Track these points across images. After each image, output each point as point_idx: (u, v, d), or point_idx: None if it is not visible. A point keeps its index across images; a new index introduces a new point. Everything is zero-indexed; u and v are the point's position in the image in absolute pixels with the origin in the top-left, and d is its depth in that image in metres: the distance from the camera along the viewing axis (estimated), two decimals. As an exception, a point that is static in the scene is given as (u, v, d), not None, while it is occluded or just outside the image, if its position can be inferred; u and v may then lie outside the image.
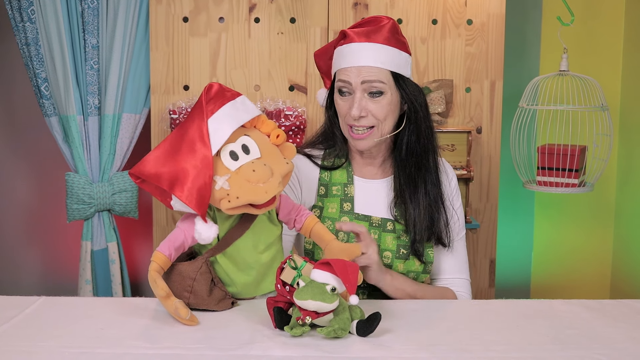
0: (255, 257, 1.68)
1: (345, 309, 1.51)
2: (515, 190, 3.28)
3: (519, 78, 3.23)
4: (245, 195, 1.55)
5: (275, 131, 1.67)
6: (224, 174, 1.56)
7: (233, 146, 1.60)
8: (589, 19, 3.22)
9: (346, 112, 1.87)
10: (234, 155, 1.59)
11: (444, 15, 2.87)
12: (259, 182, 1.56)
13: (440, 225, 1.94)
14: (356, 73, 1.84)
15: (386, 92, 1.85)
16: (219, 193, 1.55)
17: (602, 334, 1.54)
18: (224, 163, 1.58)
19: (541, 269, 3.42)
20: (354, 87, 1.84)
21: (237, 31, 2.88)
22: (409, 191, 1.92)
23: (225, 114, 1.60)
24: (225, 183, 1.55)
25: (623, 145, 3.24)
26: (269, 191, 1.57)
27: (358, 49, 1.85)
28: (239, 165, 1.58)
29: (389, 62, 1.84)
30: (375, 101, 1.85)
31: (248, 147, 1.61)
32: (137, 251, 3.37)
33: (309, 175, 1.98)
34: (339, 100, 1.90)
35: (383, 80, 1.84)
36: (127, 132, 2.93)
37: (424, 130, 1.92)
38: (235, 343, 1.46)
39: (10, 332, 1.52)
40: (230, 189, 1.55)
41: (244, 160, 1.59)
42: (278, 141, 1.67)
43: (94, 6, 2.84)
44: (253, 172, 1.56)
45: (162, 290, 1.55)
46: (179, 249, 1.62)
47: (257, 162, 1.59)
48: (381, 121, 1.86)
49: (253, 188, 1.56)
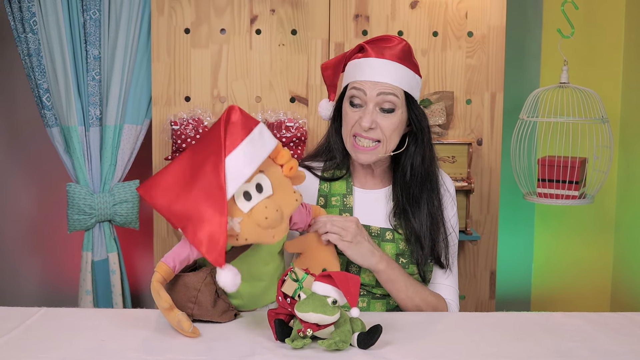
0: (262, 269, 1.69)
1: (346, 321, 1.51)
2: (516, 202, 3.28)
3: (519, 90, 3.23)
4: (253, 239, 1.57)
5: (288, 164, 1.65)
6: (236, 215, 1.55)
7: (248, 187, 1.58)
8: (589, 32, 3.23)
9: (354, 123, 1.88)
10: (247, 196, 1.57)
11: (445, 27, 2.88)
12: (270, 226, 1.57)
13: (439, 244, 1.95)
14: (372, 86, 1.85)
15: (397, 109, 1.87)
16: (229, 232, 1.54)
17: (603, 347, 1.54)
18: (237, 204, 1.56)
19: (541, 281, 3.42)
20: (368, 99, 1.86)
21: (239, 43, 2.89)
22: (412, 210, 1.93)
23: (244, 153, 1.55)
24: (237, 225, 1.55)
25: (623, 157, 3.24)
26: (277, 236, 1.59)
27: (376, 64, 1.87)
28: (251, 207, 1.57)
29: (404, 81, 1.87)
30: (385, 117, 1.86)
31: (262, 185, 1.60)
32: (137, 262, 3.36)
33: (309, 187, 1.99)
34: (349, 111, 1.90)
35: (397, 95, 1.86)
36: (128, 143, 2.94)
37: (428, 153, 1.95)
38: (236, 355, 1.46)
39: (11, 343, 1.52)
40: (241, 232, 1.55)
41: (256, 199, 1.58)
42: (291, 173, 1.66)
43: (96, 17, 2.85)
44: (265, 219, 1.56)
45: (165, 302, 1.54)
46: (184, 261, 1.62)
47: (270, 205, 1.58)
48: (387, 138, 1.87)
49: (262, 233, 1.57)
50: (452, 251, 2.00)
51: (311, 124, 2.89)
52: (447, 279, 1.99)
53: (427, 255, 1.92)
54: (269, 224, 1.57)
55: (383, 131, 1.87)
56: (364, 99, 1.87)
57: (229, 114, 1.56)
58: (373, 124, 1.85)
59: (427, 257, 1.93)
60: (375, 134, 1.87)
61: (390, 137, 1.88)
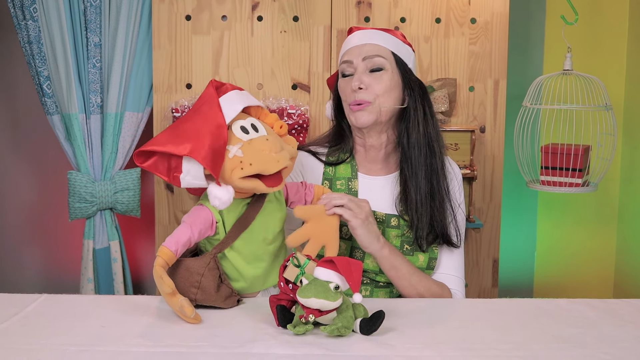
0: (264, 249, 1.69)
1: (348, 307, 1.50)
2: (519, 189, 3.27)
3: (522, 77, 3.22)
4: (258, 163, 1.58)
5: (278, 122, 1.72)
6: (236, 142, 1.59)
7: (243, 122, 1.63)
8: (593, 18, 3.22)
9: (348, 92, 1.91)
10: (244, 130, 1.62)
11: (448, 14, 2.87)
12: (272, 151, 1.59)
13: (446, 224, 1.93)
14: (357, 52, 1.92)
15: (386, 68, 1.91)
16: (232, 162, 1.57)
17: (606, 333, 1.53)
18: (235, 134, 1.61)
19: (544, 269, 3.41)
20: (356, 65, 1.91)
21: (240, 29, 2.87)
22: (413, 187, 1.91)
23: (234, 96, 1.65)
24: (239, 151, 1.58)
25: (627, 144, 3.23)
26: (281, 160, 1.60)
27: (360, 34, 1.97)
28: (250, 138, 1.61)
29: (390, 43, 1.94)
30: (375, 77, 1.90)
31: (257, 126, 1.64)
32: (139, 250, 3.36)
33: (313, 171, 1.99)
34: (341, 83, 1.95)
35: (383, 55, 1.91)
36: (129, 130, 2.93)
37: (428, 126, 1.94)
38: (238, 341, 1.46)
39: (11, 329, 1.51)
40: (244, 156, 1.57)
41: (254, 135, 1.62)
42: (281, 132, 1.71)
43: (97, 4, 2.83)
44: (266, 140, 1.60)
45: (168, 287, 1.53)
46: (186, 244, 1.61)
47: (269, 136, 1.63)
48: (379, 96, 1.89)
49: (266, 156, 1.58)
50: (461, 230, 1.98)
51: (313, 111, 2.88)
52: (453, 269, 1.97)
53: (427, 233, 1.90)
54: (271, 146, 1.60)
55: (374, 90, 1.89)
56: (352, 67, 1.92)
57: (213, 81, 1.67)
58: (362, 84, 1.89)
59: (429, 236, 1.91)
60: (365, 94, 1.89)
61: (383, 96, 1.90)
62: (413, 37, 2.85)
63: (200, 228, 1.62)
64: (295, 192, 1.80)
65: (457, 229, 1.96)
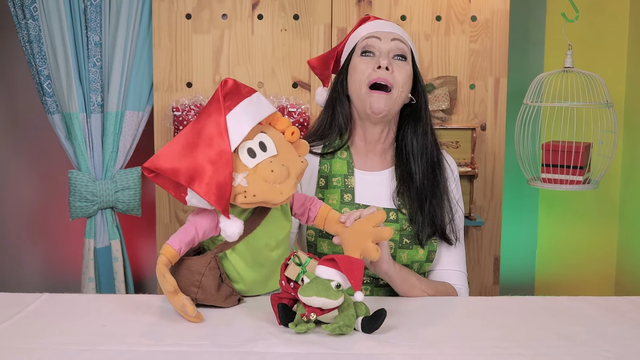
0: (266, 255, 1.68)
1: (350, 306, 1.50)
2: (520, 187, 3.27)
3: (523, 75, 3.21)
4: (262, 195, 1.55)
5: (290, 128, 1.67)
6: (242, 171, 1.56)
7: (251, 143, 1.59)
8: (594, 15, 3.21)
9: (368, 71, 1.89)
10: (251, 153, 1.58)
11: (448, 11, 2.86)
12: (276, 182, 1.57)
13: (445, 219, 1.93)
14: (386, 36, 1.93)
15: (408, 60, 1.93)
16: (237, 189, 1.55)
17: (608, 331, 1.53)
18: (242, 160, 1.57)
19: (545, 267, 3.41)
20: (382, 45, 1.92)
21: (240, 28, 2.87)
22: (411, 183, 1.92)
23: (243, 110, 1.59)
24: (244, 180, 1.55)
25: (628, 142, 3.23)
26: (284, 192, 1.57)
27: (383, 22, 1.98)
28: (256, 163, 1.57)
29: (408, 40, 1.97)
30: (399, 64, 1.91)
31: (265, 144, 1.60)
32: (140, 249, 3.36)
33: (309, 167, 1.97)
34: (360, 63, 1.92)
35: (407, 46, 1.94)
36: (130, 129, 2.93)
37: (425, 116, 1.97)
38: (239, 340, 1.45)
39: (12, 329, 1.51)
40: (248, 187, 1.55)
41: (261, 157, 1.58)
42: (293, 138, 1.67)
43: (97, 3, 2.83)
44: (271, 172, 1.56)
45: (170, 285, 1.53)
46: (190, 243, 1.61)
47: (275, 161, 1.59)
48: (400, 85, 1.89)
49: (270, 188, 1.56)
50: (459, 227, 1.98)
51: (313, 109, 2.87)
52: (455, 264, 1.97)
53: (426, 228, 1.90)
54: (275, 177, 1.56)
55: (396, 78, 1.89)
56: (377, 46, 1.92)
57: (226, 83, 1.60)
58: (390, 66, 1.88)
59: (428, 231, 1.91)
60: (391, 77, 1.88)
61: (402, 87, 1.90)
62: (413, 35, 2.85)
63: (205, 229, 1.62)
64: (300, 204, 1.76)
65: (452, 224, 1.96)
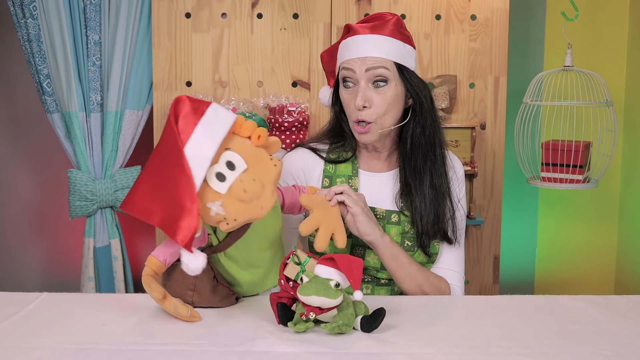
0: (259, 255, 1.67)
1: (349, 305, 1.49)
2: (520, 186, 3.27)
3: (523, 74, 3.21)
4: (242, 217, 1.51)
5: (255, 133, 1.57)
6: (215, 199, 1.50)
7: (218, 167, 1.52)
8: (594, 14, 3.21)
9: (352, 108, 1.87)
10: (220, 177, 1.51)
11: (448, 10, 2.86)
12: (252, 199, 1.52)
13: (446, 220, 1.93)
14: (360, 63, 1.85)
15: (390, 81, 1.85)
16: (216, 218, 1.50)
17: (608, 330, 1.53)
18: (213, 188, 1.50)
19: (545, 266, 3.41)
20: (358, 77, 1.85)
21: (240, 27, 2.87)
22: (414, 183, 1.91)
23: (200, 135, 1.51)
24: (220, 208, 1.50)
25: (627, 141, 3.22)
26: (265, 205, 1.52)
27: (362, 40, 1.86)
28: (228, 186, 1.51)
29: (393, 52, 1.86)
30: (379, 92, 1.85)
31: (233, 162, 1.53)
32: (139, 248, 3.36)
33: (314, 168, 1.97)
34: (344, 94, 1.90)
35: (387, 67, 1.85)
36: (129, 128, 2.93)
37: (430, 123, 1.92)
38: (238, 339, 1.45)
39: (11, 328, 1.51)
40: (226, 214, 1.50)
41: (231, 178, 1.52)
42: (260, 142, 1.58)
43: (96, 2, 2.83)
44: (244, 192, 1.51)
45: (158, 293, 1.54)
46: (175, 254, 1.59)
47: (246, 177, 1.52)
48: (381, 116, 1.86)
49: (248, 207, 1.51)
50: (460, 227, 1.98)
51: (313, 108, 2.87)
52: (453, 264, 1.97)
53: (429, 230, 1.90)
54: (250, 196, 1.51)
55: (376, 109, 1.85)
56: (354, 77, 1.86)
57: (176, 106, 1.51)
58: (367, 103, 1.84)
59: (430, 232, 1.91)
60: (368, 114, 1.85)
61: (385, 115, 1.86)
62: (413, 34, 2.83)
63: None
64: (290, 195, 1.75)
65: (454, 224, 1.95)
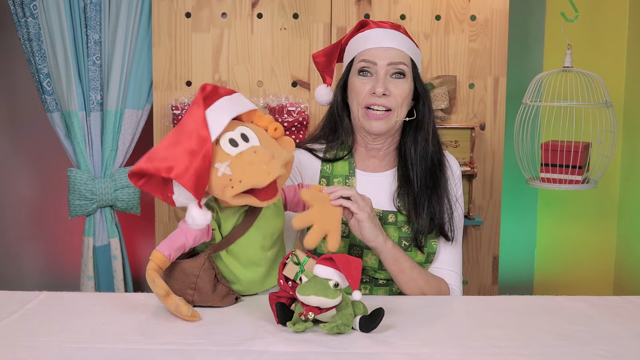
0: (261, 254, 1.68)
1: (348, 305, 1.50)
2: (519, 186, 3.27)
3: (522, 74, 3.21)
4: (248, 178, 1.52)
5: (272, 124, 1.65)
6: (224, 159, 1.53)
7: (232, 134, 1.57)
8: (593, 15, 3.21)
9: (365, 93, 1.88)
10: (233, 143, 1.56)
11: (447, 11, 2.86)
12: (261, 163, 1.53)
13: (444, 218, 1.93)
14: (383, 54, 1.88)
15: (407, 76, 1.90)
16: (222, 180, 1.52)
17: (606, 330, 1.53)
18: (223, 149, 1.54)
19: (544, 266, 3.41)
20: (379, 68, 1.88)
21: (240, 27, 2.87)
22: (412, 183, 1.92)
23: (222, 106, 1.57)
24: (227, 168, 1.52)
25: (627, 142, 3.23)
26: (272, 172, 1.53)
27: (384, 33, 1.91)
28: (239, 151, 1.55)
29: (411, 50, 1.93)
30: (397, 83, 1.89)
31: (247, 135, 1.58)
32: (139, 247, 3.36)
33: (310, 168, 1.98)
34: (358, 82, 1.90)
35: (406, 63, 1.90)
36: (129, 128, 2.93)
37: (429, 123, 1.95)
38: (237, 338, 1.46)
39: (11, 327, 1.51)
40: (233, 174, 1.52)
41: (243, 147, 1.56)
42: (276, 134, 1.65)
43: (96, 1, 2.83)
44: (254, 153, 1.54)
45: (161, 289, 1.54)
46: (179, 249, 1.61)
47: (258, 147, 1.56)
48: (399, 105, 1.89)
49: (255, 170, 1.52)
50: (458, 226, 1.98)
51: (313, 108, 2.87)
52: (450, 263, 1.97)
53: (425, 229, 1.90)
54: (260, 158, 1.53)
55: (395, 98, 1.88)
56: (374, 68, 1.89)
57: (204, 86, 1.58)
58: (386, 91, 1.87)
59: (426, 231, 1.91)
60: (388, 101, 1.87)
61: (402, 106, 1.89)
62: (413, 34, 2.84)
63: (195, 234, 1.61)
64: (293, 195, 1.76)
65: (451, 223, 1.96)
